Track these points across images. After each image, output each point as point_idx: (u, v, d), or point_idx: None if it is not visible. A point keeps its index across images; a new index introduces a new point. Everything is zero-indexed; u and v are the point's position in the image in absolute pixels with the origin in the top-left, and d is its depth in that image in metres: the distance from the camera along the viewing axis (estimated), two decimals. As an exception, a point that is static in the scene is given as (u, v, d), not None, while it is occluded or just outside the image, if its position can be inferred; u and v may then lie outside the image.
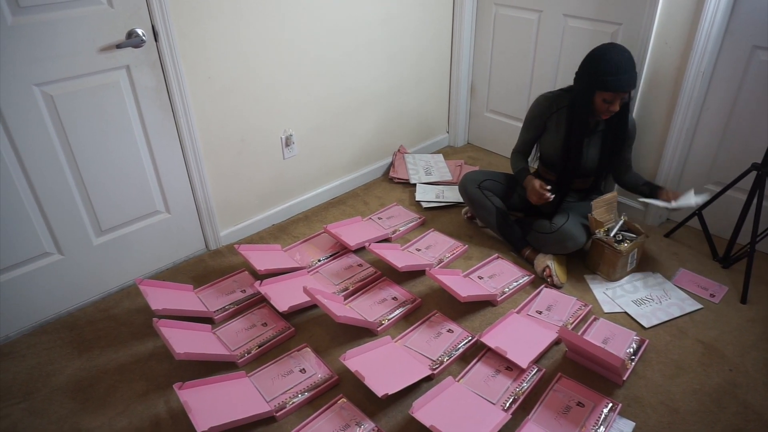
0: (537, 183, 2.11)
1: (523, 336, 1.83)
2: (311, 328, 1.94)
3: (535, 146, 2.29)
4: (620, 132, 2.09)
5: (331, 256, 2.28)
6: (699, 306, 1.98)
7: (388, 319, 1.94)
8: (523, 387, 1.67)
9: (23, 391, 1.71)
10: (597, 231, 2.09)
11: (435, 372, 1.73)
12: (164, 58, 1.90)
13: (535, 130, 2.24)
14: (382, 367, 1.67)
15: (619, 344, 1.81)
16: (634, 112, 2.34)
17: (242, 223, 2.42)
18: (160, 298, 1.89)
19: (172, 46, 1.90)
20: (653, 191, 2.14)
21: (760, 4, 1.95)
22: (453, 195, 2.67)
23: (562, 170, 2.15)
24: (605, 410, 1.59)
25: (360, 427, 1.56)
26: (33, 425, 1.60)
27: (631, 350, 1.79)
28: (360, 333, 1.91)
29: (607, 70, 1.90)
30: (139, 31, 1.82)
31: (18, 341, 1.90)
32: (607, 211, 2.15)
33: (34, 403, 1.67)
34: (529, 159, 2.32)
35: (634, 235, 2.11)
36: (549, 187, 2.09)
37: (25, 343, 1.89)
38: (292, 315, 1.98)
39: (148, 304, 1.82)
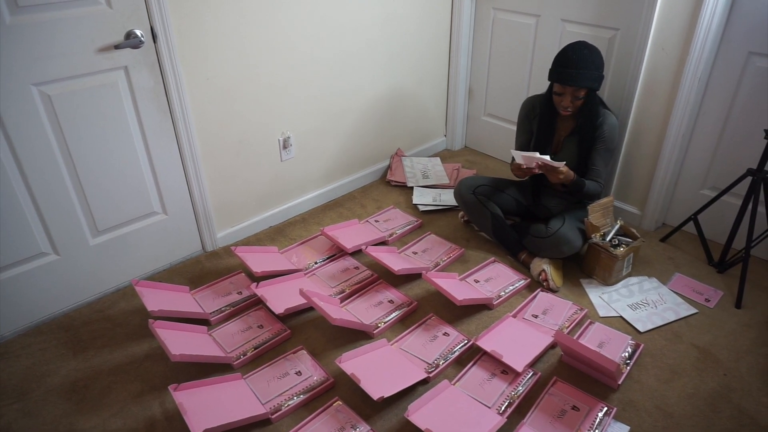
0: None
1: (518, 340, 1.84)
2: (307, 330, 1.94)
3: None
4: (584, 133, 2.09)
5: (327, 258, 2.28)
6: (694, 310, 1.99)
7: (384, 322, 1.94)
8: (518, 391, 1.68)
9: (18, 392, 1.70)
10: (593, 235, 2.09)
11: (431, 375, 1.73)
12: (163, 59, 1.90)
13: (526, 133, 2.26)
14: (377, 370, 1.67)
15: (615, 348, 1.81)
16: (630, 117, 2.35)
17: (239, 224, 2.42)
18: (156, 299, 1.89)
19: (171, 48, 1.90)
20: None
21: (756, 11, 1.96)
22: (450, 198, 2.67)
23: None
24: (600, 414, 1.59)
25: (355, 429, 1.56)
26: (27, 426, 1.59)
27: (627, 354, 1.80)
28: (356, 336, 1.91)
29: (557, 61, 2.01)
30: (138, 32, 1.82)
31: (13, 341, 1.89)
32: (603, 215, 2.16)
33: (29, 404, 1.66)
34: None
35: (629, 240, 2.12)
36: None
37: (20, 344, 1.88)
38: (288, 317, 1.98)
39: (144, 305, 1.82)
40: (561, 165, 1.95)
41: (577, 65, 1.95)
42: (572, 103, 2.01)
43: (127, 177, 1.99)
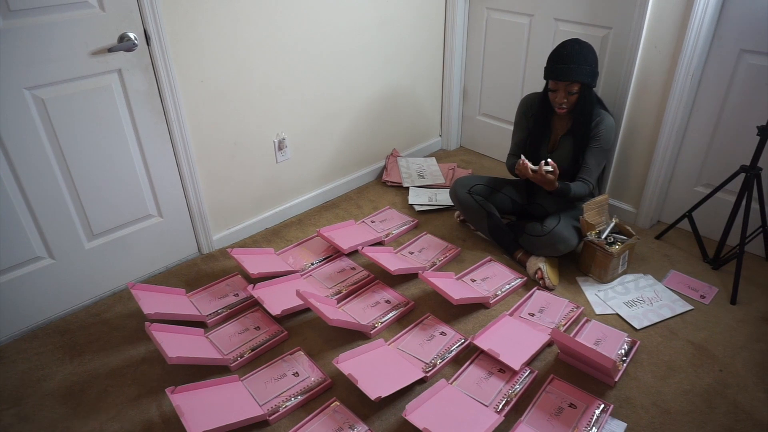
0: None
1: (515, 338, 1.84)
2: (304, 331, 1.93)
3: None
4: (579, 131, 2.10)
5: (324, 259, 2.28)
6: (689, 307, 2.00)
7: (381, 322, 1.94)
8: (515, 389, 1.68)
9: (14, 397, 1.69)
10: (588, 233, 2.10)
11: (428, 375, 1.73)
12: (156, 61, 1.90)
13: (523, 130, 2.27)
14: (375, 370, 1.67)
15: (611, 346, 1.82)
16: (624, 115, 2.36)
17: (235, 226, 2.42)
18: (153, 302, 1.88)
19: (165, 50, 1.90)
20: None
21: (747, 9, 1.97)
22: (446, 198, 2.68)
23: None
24: (597, 411, 1.60)
25: (353, 430, 1.56)
26: (24, 430, 1.59)
27: (623, 351, 1.81)
28: (353, 336, 1.91)
29: (549, 58, 2.04)
30: (131, 35, 1.81)
31: (9, 346, 1.88)
32: (598, 213, 2.16)
33: (25, 409, 1.66)
34: None
35: (625, 237, 2.13)
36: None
37: (16, 348, 1.87)
38: (285, 318, 1.98)
39: (141, 308, 1.82)
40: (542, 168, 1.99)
41: (567, 60, 1.97)
42: (566, 99, 2.03)
43: (122, 180, 1.99)
